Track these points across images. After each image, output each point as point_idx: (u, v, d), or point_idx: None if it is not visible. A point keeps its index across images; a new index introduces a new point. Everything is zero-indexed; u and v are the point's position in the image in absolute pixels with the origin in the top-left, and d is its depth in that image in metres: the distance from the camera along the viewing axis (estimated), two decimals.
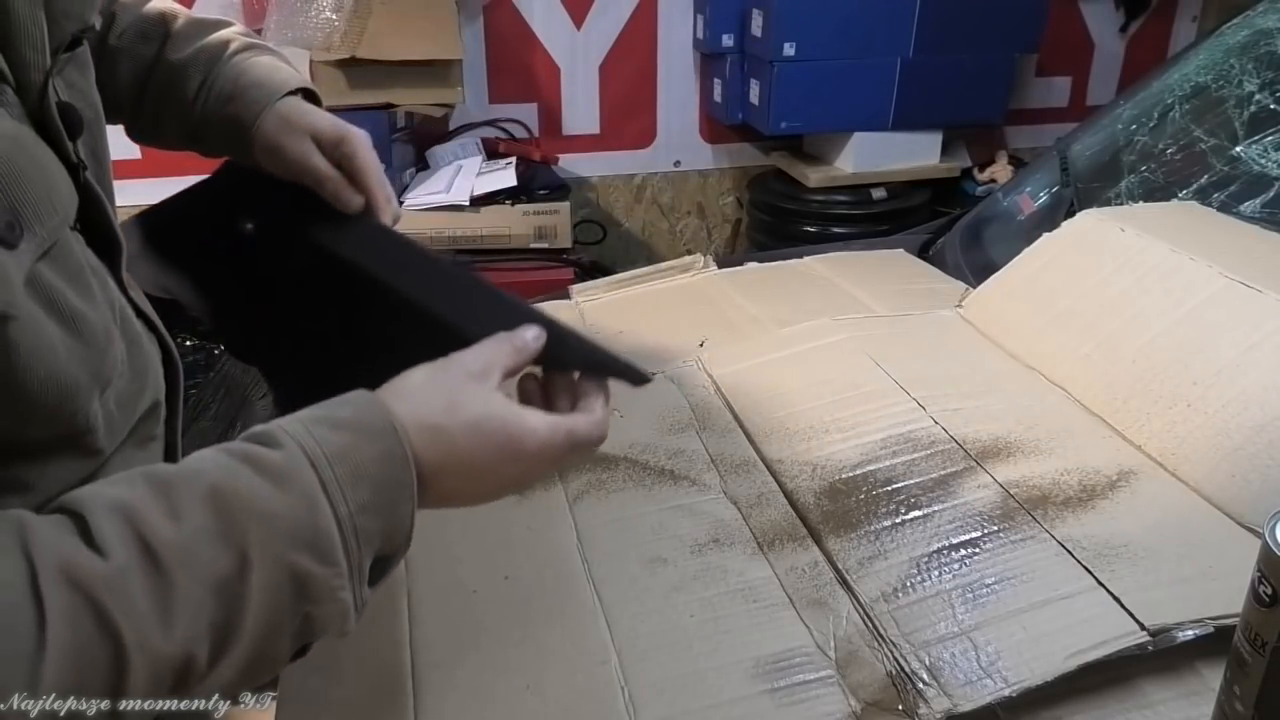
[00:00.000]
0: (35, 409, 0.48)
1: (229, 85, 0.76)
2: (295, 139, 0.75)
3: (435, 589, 0.75)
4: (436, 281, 0.74)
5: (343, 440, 0.46)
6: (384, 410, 0.48)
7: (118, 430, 0.56)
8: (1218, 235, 0.99)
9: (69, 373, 0.49)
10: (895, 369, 0.93)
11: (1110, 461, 0.79)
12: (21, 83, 0.51)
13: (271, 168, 0.76)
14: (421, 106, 2.19)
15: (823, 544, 0.73)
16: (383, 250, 0.76)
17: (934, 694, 0.58)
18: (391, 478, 0.47)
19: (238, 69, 0.76)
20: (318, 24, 2.03)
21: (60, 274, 0.50)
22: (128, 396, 0.57)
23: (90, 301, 0.52)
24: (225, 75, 0.76)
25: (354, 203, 0.76)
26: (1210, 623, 0.59)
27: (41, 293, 0.48)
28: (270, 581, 0.43)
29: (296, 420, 0.47)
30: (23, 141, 0.49)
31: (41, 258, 0.48)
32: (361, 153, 0.76)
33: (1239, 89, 1.20)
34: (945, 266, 1.26)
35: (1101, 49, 2.82)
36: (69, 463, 0.53)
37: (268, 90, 0.76)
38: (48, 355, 0.48)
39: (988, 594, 0.66)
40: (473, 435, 0.50)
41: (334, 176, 0.75)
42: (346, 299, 0.75)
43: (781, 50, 2.25)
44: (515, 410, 0.52)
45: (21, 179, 0.48)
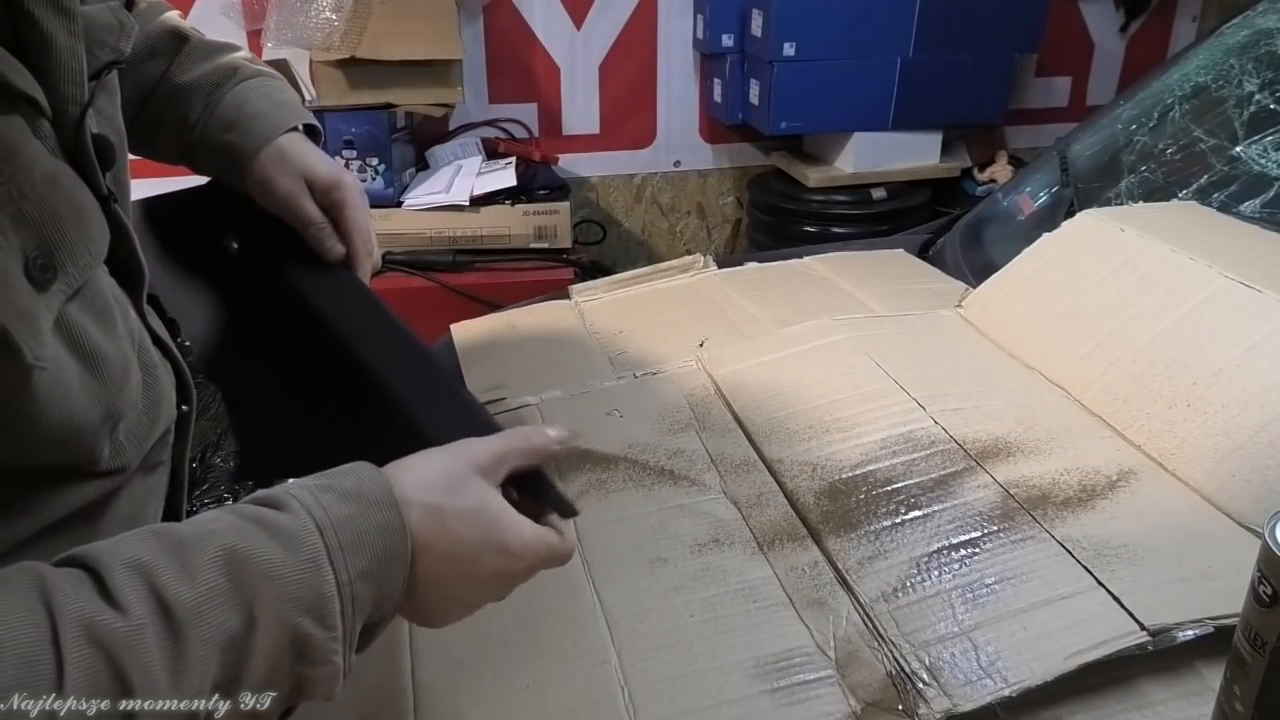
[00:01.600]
0: (44, 444, 0.49)
1: (232, 112, 0.75)
2: (288, 179, 0.74)
3: None
4: (396, 355, 0.72)
5: (347, 509, 0.47)
6: (386, 483, 0.49)
7: (128, 459, 0.56)
8: (1217, 235, 0.99)
9: (82, 411, 0.50)
10: (895, 369, 0.93)
11: (1110, 461, 0.79)
12: (59, 116, 0.51)
13: (262, 201, 0.76)
14: (421, 106, 2.19)
15: (823, 544, 0.73)
16: (351, 308, 0.75)
17: (934, 694, 0.58)
18: (389, 548, 0.48)
19: (242, 97, 0.76)
20: (318, 24, 2.03)
21: (86, 311, 0.50)
22: (141, 428, 0.57)
23: (112, 337, 0.52)
24: (229, 102, 0.75)
25: (334, 252, 0.75)
26: (1210, 623, 0.60)
27: (66, 333, 0.48)
28: (273, 642, 0.44)
29: (304, 487, 0.48)
30: (60, 180, 0.49)
31: (71, 298, 0.49)
32: (351, 201, 0.75)
33: (1239, 89, 1.20)
34: (945, 266, 1.26)
35: (1101, 49, 2.82)
36: (74, 490, 0.53)
37: (270, 124, 0.75)
38: (63, 396, 0.48)
39: (987, 594, 0.66)
40: (465, 521, 0.51)
41: (319, 222, 0.75)
42: (309, 343, 0.74)
43: (781, 50, 2.25)
44: (509, 510, 0.53)
45: (58, 220, 0.48)
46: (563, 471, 0.85)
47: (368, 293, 0.76)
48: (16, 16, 0.47)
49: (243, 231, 0.79)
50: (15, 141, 0.46)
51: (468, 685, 0.65)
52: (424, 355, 0.74)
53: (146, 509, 0.61)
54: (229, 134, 0.75)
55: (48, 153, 0.49)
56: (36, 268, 0.46)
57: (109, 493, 0.55)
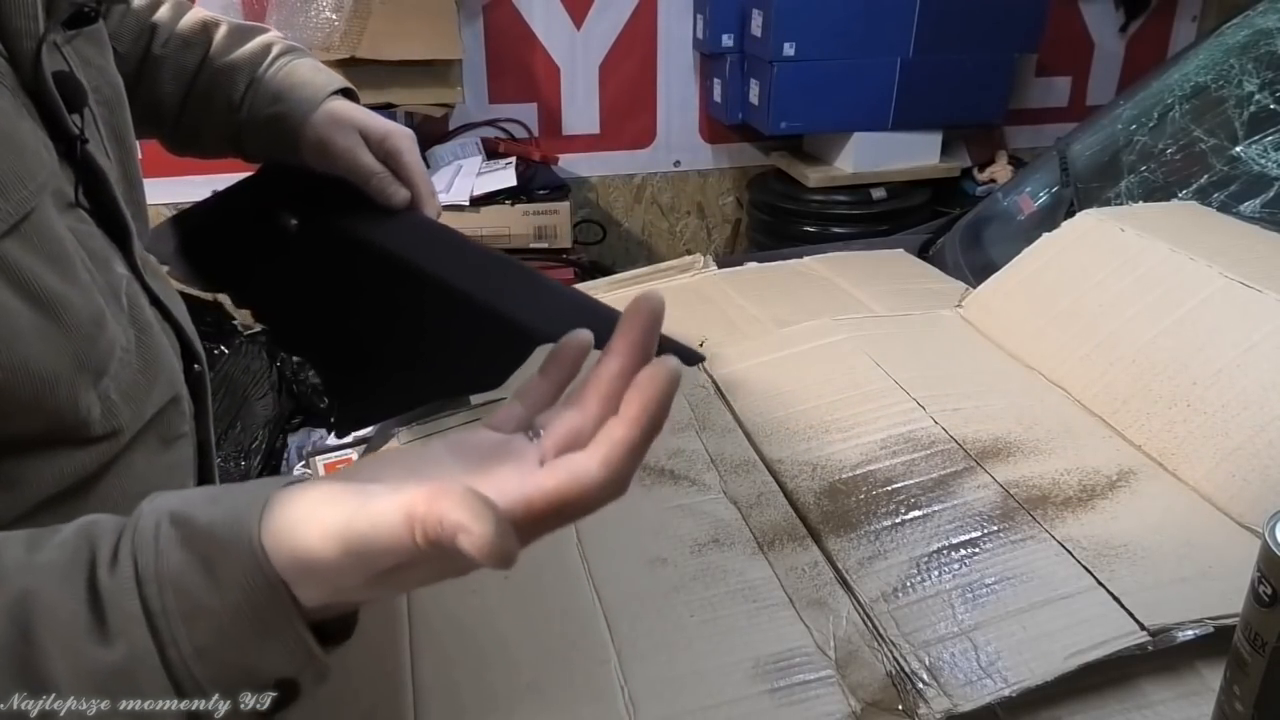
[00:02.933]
0: (6, 401, 0.45)
1: (275, 87, 0.78)
2: (344, 135, 0.77)
3: (434, 589, 0.74)
4: (487, 273, 0.77)
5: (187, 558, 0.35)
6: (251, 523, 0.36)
7: (126, 423, 0.53)
8: (1217, 235, 0.99)
9: (43, 362, 0.46)
10: (895, 369, 0.93)
11: (1110, 461, 0.79)
12: (13, 50, 0.50)
13: (318, 164, 0.78)
14: (421, 106, 2.19)
15: (823, 544, 0.73)
16: (431, 243, 0.79)
17: (934, 694, 0.58)
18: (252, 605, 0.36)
19: (283, 71, 0.79)
20: (318, 24, 2.03)
21: (34, 252, 0.47)
22: (136, 388, 0.54)
23: (73, 283, 0.50)
24: (271, 78, 0.78)
25: (399, 197, 0.78)
26: (1210, 623, 0.59)
27: (8, 272, 0.45)
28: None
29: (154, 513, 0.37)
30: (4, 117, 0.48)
31: (8, 234, 0.46)
32: (406, 149, 0.78)
33: (1239, 89, 1.20)
34: (945, 266, 1.26)
35: (1101, 49, 2.82)
36: (65, 457, 0.50)
37: (314, 90, 0.78)
38: (9, 339, 0.45)
39: (987, 594, 0.66)
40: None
41: (381, 172, 0.78)
42: (395, 292, 0.77)
43: (781, 50, 2.25)
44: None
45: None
46: None
47: (443, 227, 0.80)
48: None
49: (295, 207, 0.82)
50: None
51: (467, 684, 0.65)
52: (514, 265, 0.78)
53: (172, 480, 0.59)
54: (276, 105, 0.77)
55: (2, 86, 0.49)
56: None
57: (107, 463, 0.52)
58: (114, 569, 0.35)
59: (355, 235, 0.78)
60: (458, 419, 0.96)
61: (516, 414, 0.42)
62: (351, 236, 0.78)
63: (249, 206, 0.86)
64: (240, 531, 0.35)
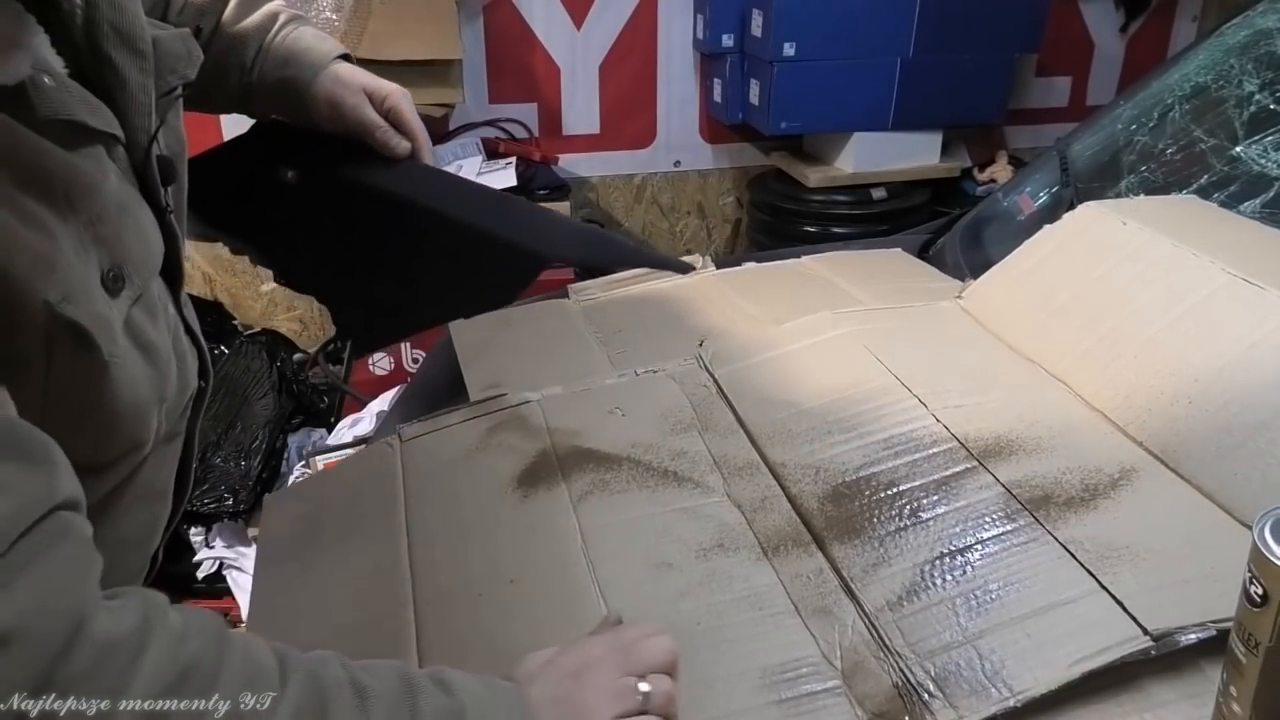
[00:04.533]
0: (121, 434, 0.56)
1: (284, 52, 0.85)
2: (350, 94, 0.86)
3: (440, 592, 0.74)
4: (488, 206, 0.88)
5: (481, 694, 0.54)
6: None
7: (161, 433, 0.62)
8: (1220, 230, 0.99)
9: (145, 396, 0.57)
10: (896, 364, 0.93)
11: (1112, 459, 0.78)
12: (131, 145, 0.59)
13: (326, 122, 0.87)
14: (421, 106, 2.17)
15: (827, 550, 0.73)
16: (434, 184, 0.90)
17: (940, 705, 0.58)
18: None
19: (290, 37, 0.86)
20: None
21: (144, 311, 0.58)
22: (173, 406, 0.63)
23: (159, 330, 0.60)
24: (280, 44, 0.86)
25: (402, 147, 0.88)
26: (1213, 625, 0.59)
27: (131, 331, 0.56)
28: None
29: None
30: (129, 206, 0.57)
31: (135, 302, 0.57)
32: (406, 107, 0.88)
33: (1239, 89, 1.20)
34: (945, 266, 1.26)
35: (1101, 49, 2.82)
36: (124, 463, 0.60)
37: (320, 54, 0.86)
38: (130, 384, 0.55)
39: (991, 600, 0.65)
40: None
41: (384, 126, 0.87)
42: (402, 228, 0.87)
43: (781, 50, 2.25)
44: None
45: (127, 240, 0.56)
46: (567, 471, 0.85)
47: (443, 171, 0.91)
48: (99, 60, 0.56)
49: (294, 162, 0.90)
50: (94, 174, 0.54)
51: None
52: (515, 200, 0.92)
53: (162, 472, 0.68)
54: (286, 69, 0.85)
55: (119, 179, 0.57)
56: (110, 279, 0.54)
57: (140, 462, 0.62)
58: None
59: (360, 182, 0.87)
60: (459, 416, 0.96)
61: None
62: (356, 183, 0.87)
63: (246, 161, 0.94)
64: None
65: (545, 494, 0.83)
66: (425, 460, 0.92)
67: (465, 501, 0.85)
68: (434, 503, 0.86)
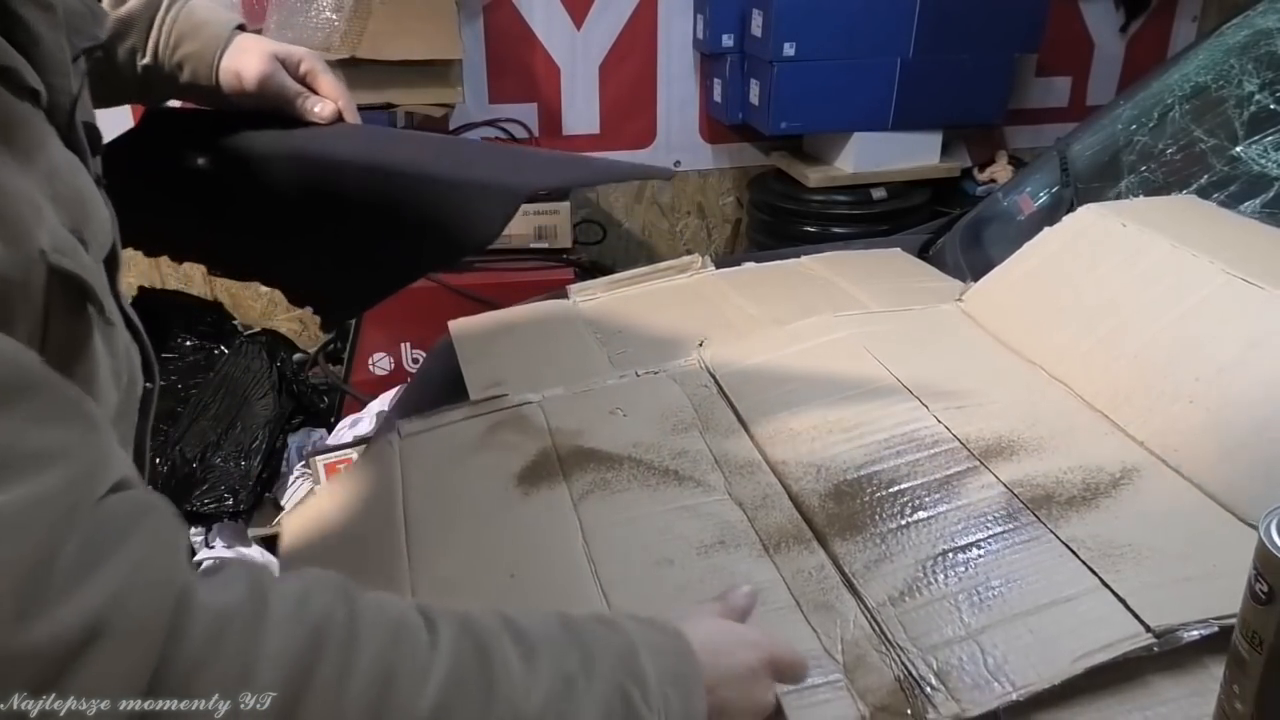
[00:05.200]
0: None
1: (179, 29, 0.80)
2: (262, 61, 0.81)
3: (440, 587, 0.74)
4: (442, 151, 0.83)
5: (646, 632, 0.53)
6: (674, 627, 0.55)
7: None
8: (1219, 230, 0.99)
9: (109, 385, 0.51)
10: (897, 366, 0.93)
11: (1113, 459, 0.79)
12: (54, 108, 0.52)
13: (236, 96, 0.81)
14: (421, 106, 2.19)
15: (829, 547, 0.73)
16: (373, 140, 0.86)
17: (942, 699, 0.58)
18: (685, 667, 0.53)
19: (183, 14, 0.81)
20: (318, 24, 2.03)
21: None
22: (125, 408, 0.57)
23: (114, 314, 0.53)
24: (173, 22, 0.80)
25: (328, 109, 0.84)
26: (1215, 622, 0.59)
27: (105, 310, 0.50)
28: (605, 693, 0.48)
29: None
30: (74, 165, 0.51)
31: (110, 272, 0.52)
32: (322, 69, 0.84)
33: (1239, 89, 1.20)
34: (945, 266, 1.26)
35: (1101, 49, 2.82)
36: None
37: (219, 27, 0.81)
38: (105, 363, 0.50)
39: (993, 596, 0.65)
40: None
41: (305, 91, 0.83)
42: (344, 192, 0.82)
43: (781, 50, 2.25)
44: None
45: (81, 200, 0.50)
46: (568, 470, 0.85)
47: (378, 128, 0.88)
48: (7, 16, 0.48)
49: (201, 146, 0.85)
50: (39, 130, 0.48)
51: None
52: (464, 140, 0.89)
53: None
54: (184, 46, 0.80)
55: (59, 141, 0.51)
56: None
57: None
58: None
59: (287, 152, 0.82)
60: (460, 413, 0.96)
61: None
62: (280, 154, 0.82)
63: (147, 152, 0.87)
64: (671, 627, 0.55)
65: (546, 492, 0.83)
66: (425, 456, 0.91)
67: (465, 497, 0.85)
68: (433, 498, 0.86)
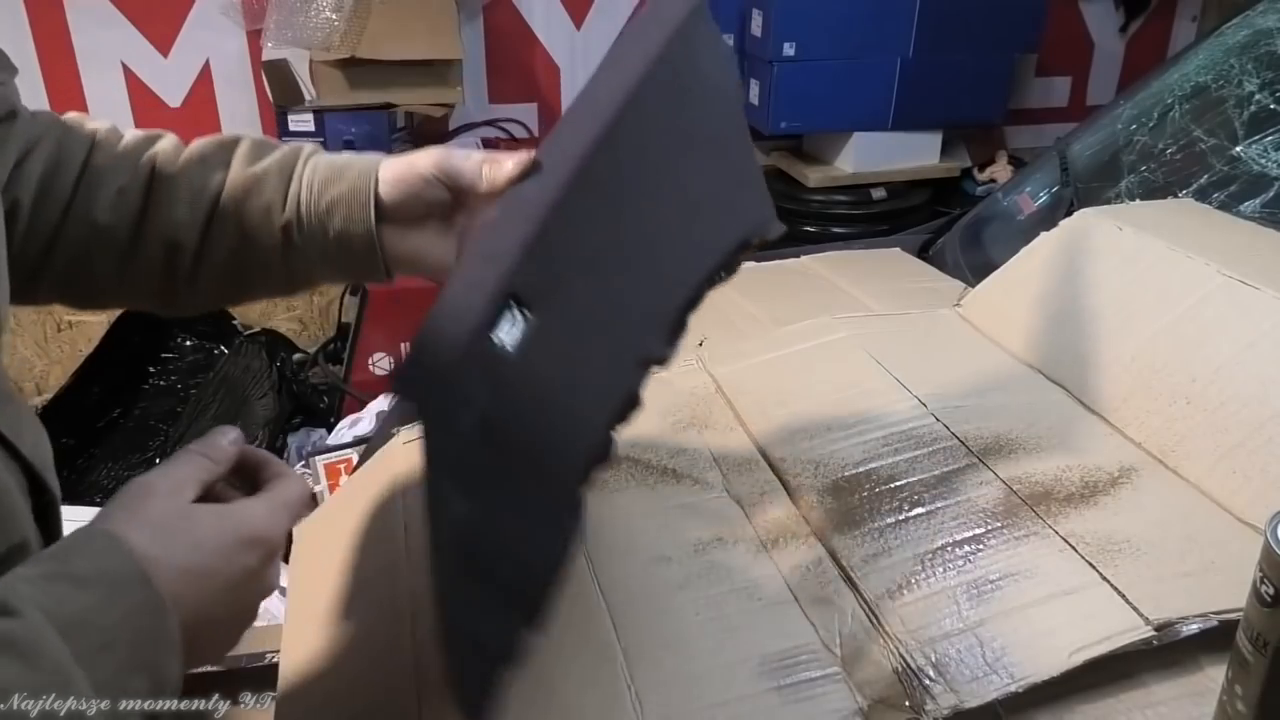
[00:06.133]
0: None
1: (324, 172, 0.65)
2: (463, 156, 0.64)
3: None
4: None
5: (87, 599, 0.41)
6: (127, 556, 0.43)
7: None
8: (1215, 233, 0.99)
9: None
10: (896, 367, 0.93)
11: (1111, 458, 0.79)
12: None
13: (414, 205, 0.64)
14: (421, 106, 2.19)
15: (826, 542, 0.73)
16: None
17: (940, 690, 0.59)
18: (149, 632, 0.42)
19: (323, 161, 0.66)
20: (318, 24, 2.04)
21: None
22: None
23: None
24: (313, 168, 0.65)
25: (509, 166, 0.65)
26: (1214, 617, 0.60)
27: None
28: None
29: (30, 580, 0.41)
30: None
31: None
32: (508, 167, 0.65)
33: (1239, 89, 1.20)
34: (945, 266, 1.26)
35: (1101, 49, 2.82)
36: None
37: (367, 163, 0.66)
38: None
39: (992, 590, 0.66)
40: (213, 567, 0.46)
41: (490, 157, 0.66)
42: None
43: (781, 50, 2.25)
44: (234, 516, 0.49)
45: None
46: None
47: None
48: None
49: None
50: None
51: None
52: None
53: None
54: (335, 187, 0.64)
55: None
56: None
57: None
58: (23, 623, 0.39)
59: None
60: None
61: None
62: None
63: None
64: (123, 558, 0.43)
65: None
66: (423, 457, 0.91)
67: None
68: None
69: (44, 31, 2.24)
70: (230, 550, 0.47)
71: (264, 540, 0.49)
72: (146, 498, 0.47)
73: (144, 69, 2.30)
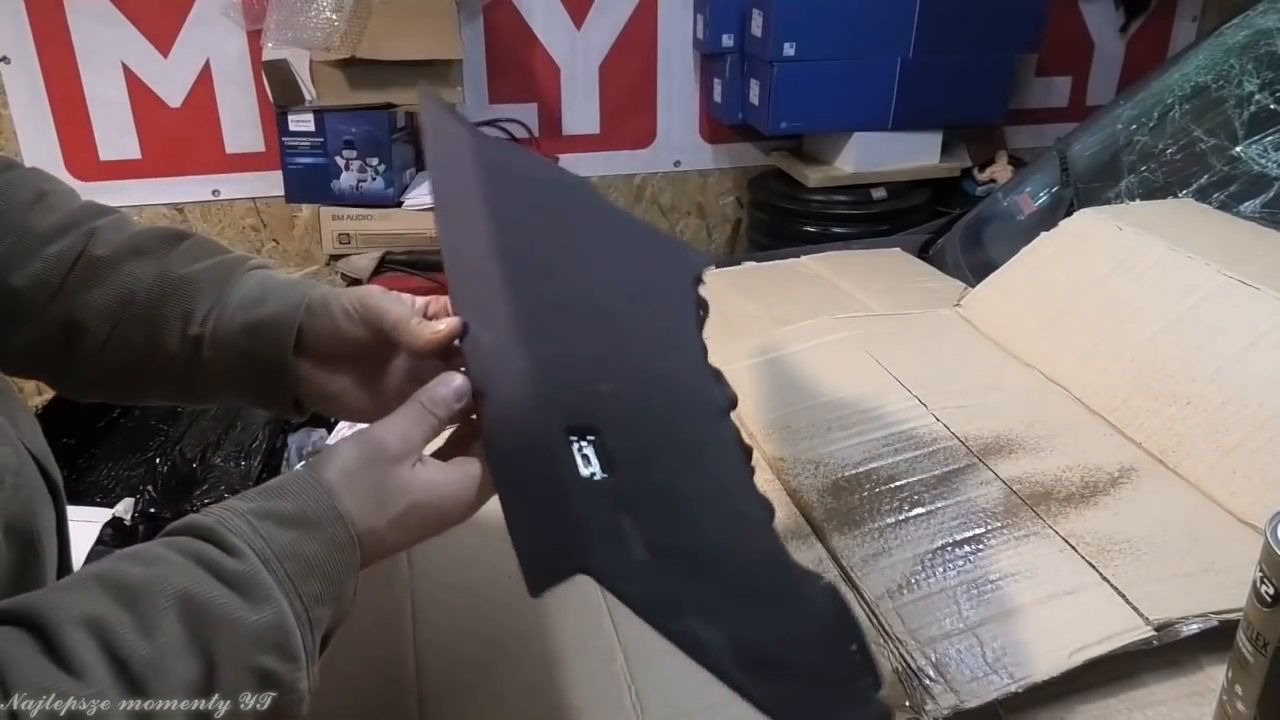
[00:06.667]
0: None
1: (255, 290, 0.61)
2: (394, 301, 0.59)
3: (439, 589, 0.75)
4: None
5: (291, 536, 0.47)
6: (327, 499, 0.48)
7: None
8: (1215, 233, 0.99)
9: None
10: (896, 367, 0.93)
11: (1111, 459, 0.79)
12: None
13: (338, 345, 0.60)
14: None
15: (827, 542, 0.73)
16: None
17: (940, 690, 0.59)
18: (338, 564, 0.48)
19: (261, 275, 0.62)
20: (318, 24, 2.04)
21: None
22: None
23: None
24: (246, 283, 0.61)
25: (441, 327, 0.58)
26: (1214, 617, 0.60)
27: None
28: (236, 682, 0.43)
29: (241, 516, 0.47)
30: None
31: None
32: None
33: (1239, 89, 1.20)
34: (945, 266, 1.26)
35: (1101, 49, 2.82)
36: None
37: (302, 286, 0.61)
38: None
39: (992, 590, 0.66)
40: (401, 530, 0.51)
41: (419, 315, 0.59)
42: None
43: (781, 50, 2.25)
44: (432, 485, 0.51)
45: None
46: None
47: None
48: None
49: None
50: None
51: (474, 683, 0.65)
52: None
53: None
54: (260, 308, 0.60)
55: None
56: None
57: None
58: (239, 558, 0.45)
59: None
60: None
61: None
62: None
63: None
64: (324, 501, 0.48)
65: None
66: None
67: None
68: None
69: (44, 31, 2.24)
70: (426, 532, 0.52)
71: (451, 519, 0.53)
72: (369, 467, 0.50)
73: (144, 69, 2.30)
